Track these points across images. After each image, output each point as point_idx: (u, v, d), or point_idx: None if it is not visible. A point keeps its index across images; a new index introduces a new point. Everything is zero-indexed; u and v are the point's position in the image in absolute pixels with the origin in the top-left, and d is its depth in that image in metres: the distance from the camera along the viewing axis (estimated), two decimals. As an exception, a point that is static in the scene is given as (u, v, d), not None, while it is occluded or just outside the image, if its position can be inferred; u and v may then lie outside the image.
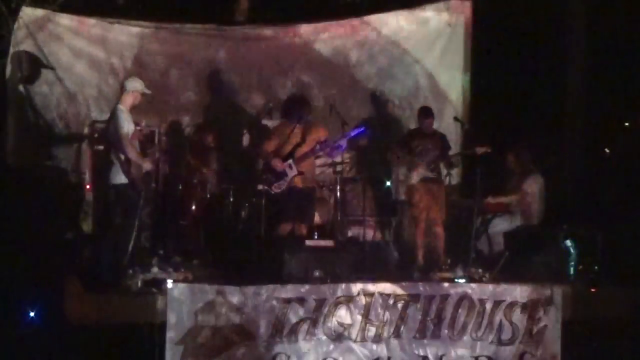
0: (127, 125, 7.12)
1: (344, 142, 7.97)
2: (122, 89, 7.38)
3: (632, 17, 10.51)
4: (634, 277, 7.62)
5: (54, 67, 8.77)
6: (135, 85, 7.33)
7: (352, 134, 8.09)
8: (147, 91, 7.38)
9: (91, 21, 9.02)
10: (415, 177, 8.25)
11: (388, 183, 9.09)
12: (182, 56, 9.37)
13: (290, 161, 7.85)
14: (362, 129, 8.21)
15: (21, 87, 8.74)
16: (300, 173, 7.84)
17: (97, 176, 8.48)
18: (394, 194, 8.97)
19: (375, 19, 9.79)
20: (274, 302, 6.48)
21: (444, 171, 8.38)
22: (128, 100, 7.28)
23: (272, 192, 7.83)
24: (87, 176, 8.80)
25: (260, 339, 6.45)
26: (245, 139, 9.50)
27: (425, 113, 8.42)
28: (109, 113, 7.43)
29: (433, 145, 8.25)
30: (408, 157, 8.24)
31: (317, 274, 6.99)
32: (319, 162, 8.49)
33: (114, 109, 7.27)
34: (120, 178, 7.09)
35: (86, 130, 8.91)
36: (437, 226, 8.27)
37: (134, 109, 7.35)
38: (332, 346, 6.61)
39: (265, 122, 9.34)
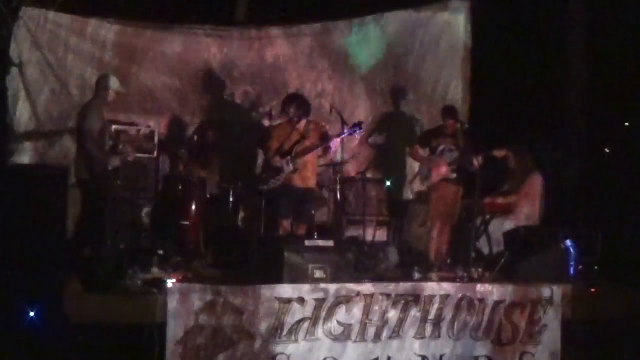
0: (95, 121, 7.21)
1: (335, 143, 7.99)
2: (97, 86, 7.47)
3: (632, 18, 10.52)
4: (634, 277, 7.63)
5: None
6: (111, 84, 7.39)
7: (346, 132, 8.10)
8: (122, 90, 7.49)
9: (92, 21, 9.02)
10: (435, 177, 8.21)
11: (388, 183, 9.07)
12: (182, 56, 9.37)
13: (288, 158, 7.89)
14: (356, 128, 8.20)
15: (22, 87, 8.74)
16: (295, 170, 7.86)
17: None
18: (404, 193, 8.91)
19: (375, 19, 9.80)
20: (274, 302, 6.47)
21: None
22: (102, 97, 7.36)
23: (268, 188, 7.86)
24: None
25: (260, 339, 6.43)
26: (245, 139, 9.50)
27: (449, 113, 8.38)
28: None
29: (455, 145, 8.23)
30: (429, 156, 8.21)
31: (317, 274, 6.98)
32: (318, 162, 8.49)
33: (87, 104, 7.41)
34: (83, 173, 7.15)
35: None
36: (447, 227, 8.26)
37: (107, 107, 7.49)
38: (332, 346, 6.60)
39: (265, 121, 9.34)
